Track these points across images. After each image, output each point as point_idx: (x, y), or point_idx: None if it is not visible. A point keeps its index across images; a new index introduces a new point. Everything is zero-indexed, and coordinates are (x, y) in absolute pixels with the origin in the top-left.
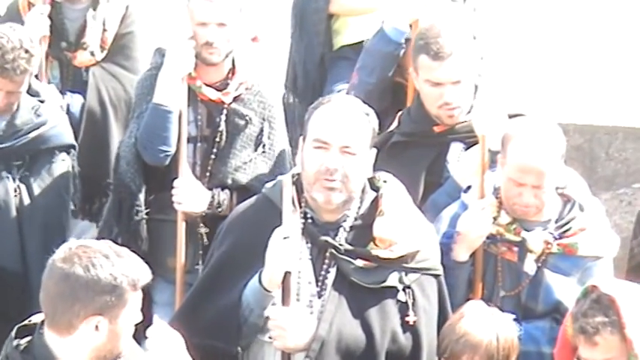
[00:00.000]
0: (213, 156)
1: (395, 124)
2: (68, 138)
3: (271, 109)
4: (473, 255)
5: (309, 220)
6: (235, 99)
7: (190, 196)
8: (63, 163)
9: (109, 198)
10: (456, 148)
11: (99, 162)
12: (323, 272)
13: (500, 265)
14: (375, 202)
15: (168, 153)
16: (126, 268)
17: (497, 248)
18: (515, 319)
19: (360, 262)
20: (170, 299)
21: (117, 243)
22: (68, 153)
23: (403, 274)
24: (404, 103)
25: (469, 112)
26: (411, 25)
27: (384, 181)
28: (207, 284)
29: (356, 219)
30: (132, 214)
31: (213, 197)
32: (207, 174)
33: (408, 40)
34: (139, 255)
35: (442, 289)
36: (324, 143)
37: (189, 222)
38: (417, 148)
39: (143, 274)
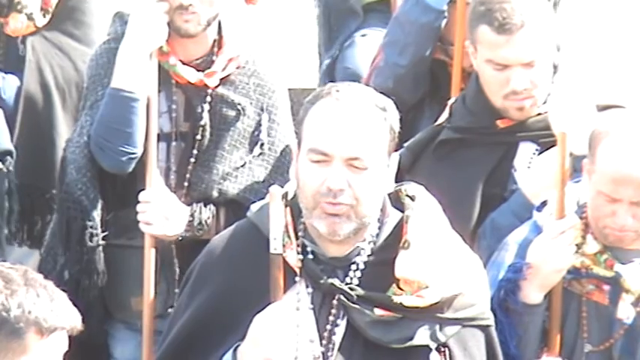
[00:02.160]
0: (193, 159)
1: (445, 115)
2: (4, 141)
3: (272, 96)
4: (548, 296)
5: (310, 256)
6: (223, 81)
7: (162, 213)
8: None
9: (53, 216)
10: (526, 151)
11: (40, 167)
12: (329, 326)
13: (586, 310)
14: (398, 228)
15: (132, 156)
16: (30, 302)
17: (582, 287)
18: None
19: (378, 312)
20: (134, 353)
21: (63, 277)
22: (3, 161)
23: (437, 327)
24: (446, 89)
25: (545, 102)
26: None
27: (411, 198)
28: (180, 350)
29: (372, 252)
30: (84, 239)
31: (192, 215)
32: (186, 184)
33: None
34: (93, 293)
35: (493, 345)
36: (324, 155)
37: (160, 249)
38: (473, 149)
39: (59, 317)
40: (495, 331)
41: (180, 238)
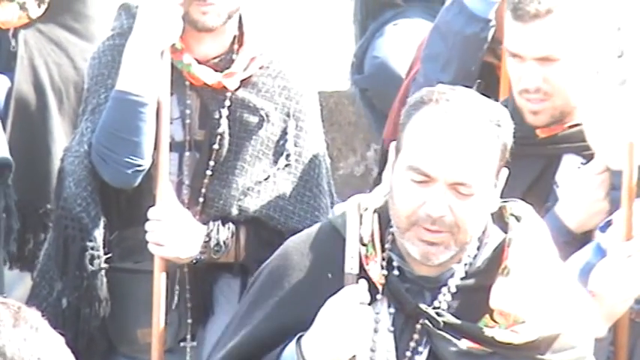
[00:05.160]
0: (209, 172)
1: None
2: (2, 150)
3: (299, 100)
4: (613, 328)
5: (395, 272)
6: (244, 83)
7: (174, 233)
8: None
9: (48, 235)
10: (570, 164)
11: (33, 179)
12: (409, 353)
13: None
14: (499, 251)
15: (139, 168)
16: (14, 346)
17: None
18: None
19: (466, 344)
20: None
21: (60, 305)
22: (1, 176)
23: None
24: (494, 95)
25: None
26: None
27: (517, 218)
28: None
29: (467, 275)
30: (84, 262)
31: (209, 235)
32: (201, 199)
33: None
34: (94, 324)
35: None
36: (425, 176)
37: (171, 274)
38: (512, 161)
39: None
40: None
41: (194, 261)
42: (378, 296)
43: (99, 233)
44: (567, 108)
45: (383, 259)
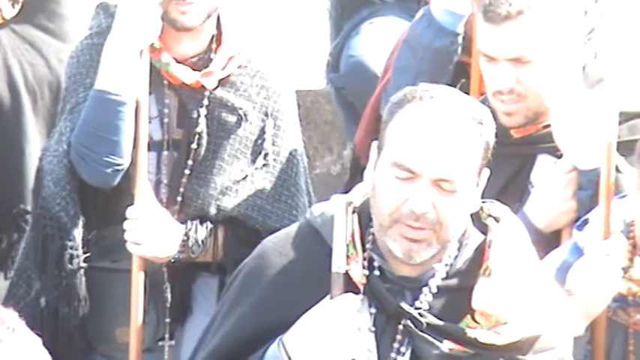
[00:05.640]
0: (187, 171)
1: None
2: None
3: (277, 99)
4: (591, 327)
5: (376, 272)
6: (222, 83)
7: (152, 232)
8: None
9: (25, 235)
10: (545, 164)
11: (6, 179)
12: (393, 354)
13: (634, 343)
14: (479, 252)
15: (118, 167)
16: None
17: (629, 316)
18: None
19: (448, 345)
20: None
21: (39, 305)
22: None
23: None
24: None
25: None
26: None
27: (495, 219)
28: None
29: (448, 275)
30: (63, 261)
31: (187, 234)
32: (179, 199)
33: None
34: (74, 322)
35: None
36: (410, 172)
37: (149, 273)
38: None
39: None
40: None
41: (172, 260)
42: (360, 296)
43: (78, 232)
44: (541, 109)
45: (364, 259)
